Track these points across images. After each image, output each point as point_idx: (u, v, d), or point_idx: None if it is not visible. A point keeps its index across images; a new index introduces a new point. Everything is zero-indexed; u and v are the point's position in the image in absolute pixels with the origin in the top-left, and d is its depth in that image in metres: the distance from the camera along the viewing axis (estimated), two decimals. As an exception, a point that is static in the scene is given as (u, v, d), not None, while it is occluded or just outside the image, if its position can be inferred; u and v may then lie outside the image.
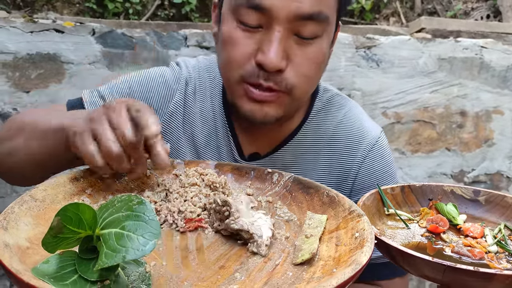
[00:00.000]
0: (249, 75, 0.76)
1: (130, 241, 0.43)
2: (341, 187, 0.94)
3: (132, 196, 0.47)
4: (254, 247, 0.58)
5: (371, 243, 0.53)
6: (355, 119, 0.96)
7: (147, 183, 0.74)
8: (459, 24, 2.29)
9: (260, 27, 0.74)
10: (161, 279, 0.51)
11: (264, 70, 0.74)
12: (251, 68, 0.75)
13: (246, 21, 0.74)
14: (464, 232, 0.68)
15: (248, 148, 0.93)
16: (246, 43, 0.75)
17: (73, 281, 0.45)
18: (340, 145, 0.94)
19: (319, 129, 0.94)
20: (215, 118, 0.94)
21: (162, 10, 2.62)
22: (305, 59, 0.76)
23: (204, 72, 0.97)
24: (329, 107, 0.96)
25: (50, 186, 0.62)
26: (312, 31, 0.75)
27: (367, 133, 0.94)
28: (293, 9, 0.71)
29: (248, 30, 0.75)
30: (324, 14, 0.74)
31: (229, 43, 0.76)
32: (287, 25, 0.73)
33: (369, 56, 1.91)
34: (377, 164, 0.94)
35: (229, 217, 0.61)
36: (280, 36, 0.72)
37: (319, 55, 0.78)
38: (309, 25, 0.74)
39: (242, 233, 0.60)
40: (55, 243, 0.46)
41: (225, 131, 0.93)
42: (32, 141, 0.77)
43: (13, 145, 0.81)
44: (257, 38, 0.75)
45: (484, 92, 2.06)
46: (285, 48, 0.74)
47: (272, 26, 0.73)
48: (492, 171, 2.16)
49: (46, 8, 2.36)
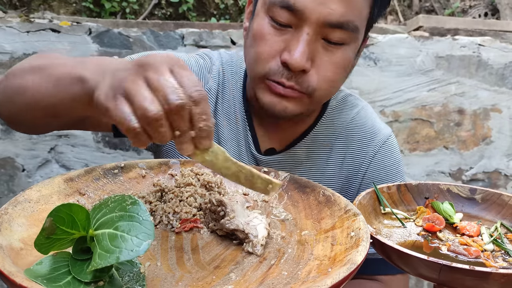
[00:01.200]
0: (273, 72, 0.77)
1: (124, 241, 0.43)
2: (351, 182, 0.97)
3: (126, 196, 0.46)
4: (250, 247, 0.58)
5: (366, 243, 0.53)
6: (367, 117, 1.00)
7: (142, 183, 0.74)
8: (456, 22, 2.29)
9: (290, 26, 0.76)
10: (155, 280, 0.50)
11: (288, 69, 0.76)
12: (276, 65, 0.77)
13: (277, 19, 0.75)
14: (460, 230, 0.68)
15: (265, 144, 0.96)
16: (275, 40, 0.77)
17: (67, 282, 0.44)
18: (352, 142, 0.97)
19: (332, 127, 0.97)
20: (236, 112, 0.96)
21: (159, 9, 2.61)
22: (330, 64, 0.78)
23: (226, 66, 0.99)
24: (342, 107, 1.00)
25: (44, 187, 0.62)
26: (340, 38, 0.76)
27: (378, 131, 0.98)
28: (324, 14, 0.73)
29: (278, 28, 0.76)
30: (353, 24, 0.76)
31: (258, 38, 0.78)
32: (316, 29, 0.74)
33: (366, 54, 1.91)
34: (387, 161, 0.97)
35: (224, 217, 0.61)
36: (308, 38, 0.74)
37: (344, 62, 0.79)
38: (337, 32, 0.75)
39: (237, 233, 0.59)
40: (48, 244, 0.45)
41: (244, 125, 0.95)
42: (44, 83, 0.67)
43: (23, 83, 0.72)
44: (285, 37, 0.76)
45: (482, 90, 2.06)
46: (311, 50, 0.75)
47: (301, 27, 0.74)
48: (490, 169, 2.16)
49: (42, 8, 2.35)
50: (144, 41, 1.73)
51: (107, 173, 0.72)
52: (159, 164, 0.79)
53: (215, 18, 2.68)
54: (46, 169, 1.76)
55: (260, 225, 0.60)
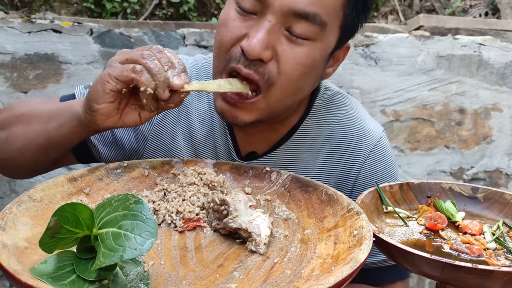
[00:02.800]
0: (232, 58, 0.75)
1: (128, 240, 0.43)
2: (341, 187, 0.92)
3: (129, 195, 0.47)
4: (253, 245, 0.58)
5: (369, 241, 0.53)
6: (355, 118, 0.94)
7: (145, 182, 0.74)
8: (457, 21, 2.29)
9: (255, 14, 0.74)
10: (159, 278, 0.51)
11: (245, 56, 0.73)
12: (236, 52, 0.75)
13: (243, 4, 0.74)
14: (462, 229, 0.68)
15: (245, 147, 0.92)
16: (237, 26, 0.75)
17: (72, 281, 0.45)
18: (340, 145, 0.92)
19: (319, 127, 0.93)
20: (212, 117, 0.93)
21: (160, 10, 2.61)
22: (292, 58, 0.74)
23: (201, 70, 0.96)
24: (329, 106, 0.95)
25: (48, 187, 0.62)
26: (304, 31, 0.73)
27: (368, 133, 0.93)
28: (288, 2, 0.71)
29: (242, 14, 0.75)
30: (320, 18, 0.73)
31: (222, 24, 0.77)
32: (280, 18, 0.72)
33: (367, 54, 1.91)
34: (379, 165, 0.93)
35: (227, 216, 0.61)
36: (269, 26, 0.72)
37: (307, 59, 0.76)
38: (302, 24, 0.73)
39: (240, 232, 0.60)
40: (52, 243, 0.46)
41: (223, 130, 0.92)
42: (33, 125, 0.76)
43: (9, 132, 0.80)
44: (248, 24, 0.74)
45: (482, 89, 2.06)
46: (272, 39, 0.73)
47: (264, 14, 0.72)
48: (491, 168, 2.16)
49: (44, 8, 2.35)
50: (145, 41, 1.74)
51: (110, 172, 0.72)
52: (161, 164, 0.79)
53: (216, 18, 2.68)
54: (47, 169, 1.76)
55: (263, 224, 0.60)
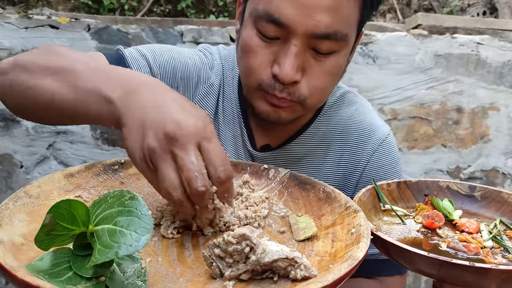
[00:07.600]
0: (266, 85, 0.77)
1: (123, 236, 0.43)
2: (348, 180, 0.96)
3: (124, 192, 0.46)
4: (303, 270, 0.48)
5: (367, 239, 0.53)
6: (365, 115, 0.99)
7: (142, 179, 0.73)
8: (455, 20, 2.29)
9: (278, 38, 0.75)
10: (157, 275, 0.50)
11: (280, 82, 0.76)
12: (267, 78, 0.77)
13: (265, 32, 0.75)
14: (459, 227, 0.69)
15: (261, 140, 0.95)
16: (264, 52, 0.76)
17: (68, 277, 0.44)
18: (349, 140, 0.96)
19: (330, 124, 0.97)
20: (232, 109, 0.96)
21: (158, 6, 2.60)
22: (320, 72, 0.77)
23: (224, 61, 0.99)
24: (340, 103, 0.99)
25: (45, 183, 0.62)
26: (329, 47, 0.75)
27: (376, 129, 0.97)
28: (310, 27, 0.72)
29: (266, 41, 0.76)
30: (341, 34, 0.74)
31: (247, 51, 0.78)
32: (304, 40, 0.73)
33: (365, 52, 1.91)
34: (385, 160, 0.96)
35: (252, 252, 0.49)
36: (296, 50, 0.73)
37: (335, 69, 0.79)
38: (326, 43, 0.74)
39: (277, 263, 0.49)
40: (48, 240, 0.45)
41: (240, 122, 0.95)
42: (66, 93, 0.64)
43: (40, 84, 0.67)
44: (274, 49, 0.76)
45: (480, 88, 2.07)
46: (301, 61, 0.75)
47: (289, 40, 0.74)
48: (488, 167, 2.16)
49: (41, 4, 2.34)
50: (143, 37, 1.73)
51: (107, 169, 0.72)
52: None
53: (214, 15, 2.67)
54: (44, 166, 1.76)
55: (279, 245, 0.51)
